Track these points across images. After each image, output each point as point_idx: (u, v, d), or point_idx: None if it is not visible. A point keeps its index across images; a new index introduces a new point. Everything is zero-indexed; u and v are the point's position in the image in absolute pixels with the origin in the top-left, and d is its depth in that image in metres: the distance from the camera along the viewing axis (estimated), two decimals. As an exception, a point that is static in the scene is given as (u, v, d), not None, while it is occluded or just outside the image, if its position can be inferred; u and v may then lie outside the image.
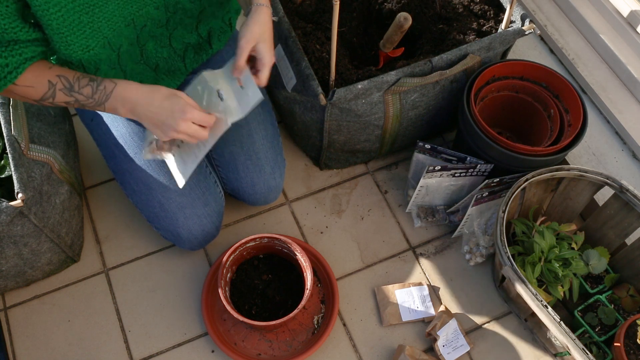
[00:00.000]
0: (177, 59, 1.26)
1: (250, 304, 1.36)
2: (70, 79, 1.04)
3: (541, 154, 1.30)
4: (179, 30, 1.22)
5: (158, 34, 1.18)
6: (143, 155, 1.18)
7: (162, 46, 1.21)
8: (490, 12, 1.49)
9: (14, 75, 0.99)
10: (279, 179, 1.40)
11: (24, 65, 0.99)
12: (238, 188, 1.39)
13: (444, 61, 1.34)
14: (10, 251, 1.21)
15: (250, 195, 1.40)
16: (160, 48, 1.21)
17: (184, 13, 1.18)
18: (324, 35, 1.43)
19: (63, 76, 1.04)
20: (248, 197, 1.41)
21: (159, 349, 1.35)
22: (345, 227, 1.52)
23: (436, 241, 1.50)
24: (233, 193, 1.42)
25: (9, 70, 0.97)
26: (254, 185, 1.37)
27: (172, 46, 1.23)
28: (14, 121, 1.18)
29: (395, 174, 1.61)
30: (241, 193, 1.40)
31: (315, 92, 1.30)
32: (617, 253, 1.39)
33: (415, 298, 1.39)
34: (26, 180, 1.13)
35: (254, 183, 1.37)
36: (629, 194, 1.28)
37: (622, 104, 1.51)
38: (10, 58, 0.97)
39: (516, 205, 1.38)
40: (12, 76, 0.98)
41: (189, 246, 1.37)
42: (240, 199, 1.43)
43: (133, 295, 1.41)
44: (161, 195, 1.29)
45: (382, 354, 1.35)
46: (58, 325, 1.37)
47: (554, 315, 1.15)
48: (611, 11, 1.55)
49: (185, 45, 1.25)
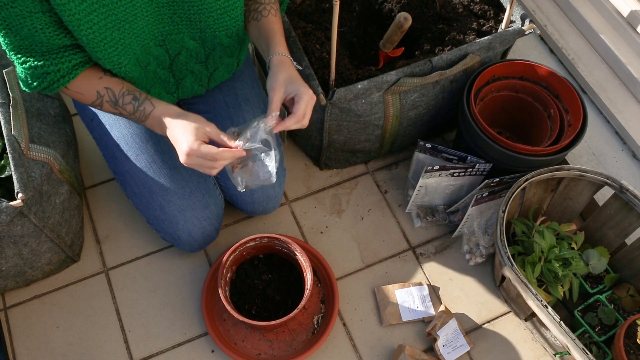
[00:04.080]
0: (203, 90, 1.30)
1: (250, 304, 1.36)
2: (116, 94, 1.07)
3: (541, 154, 1.30)
4: (220, 72, 1.26)
5: (197, 70, 1.20)
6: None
7: (200, 85, 1.25)
8: (490, 12, 1.49)
9: (66, 80, 1.03)
10: (278, 189, 1.40)
11: (75, 71, 1.03)
12: (236, 196, 1.38)
13: (444, 61, 1.34)
14: (10, 251, 1.21)
15: (249, 204, 1.39)
16: (197, 86, 1.25)
17: (223, 50, 1.19)
18: (324, 35, 1.43)
19: (110, 89, 1.07)
20: (246, 206, 1.40)
21: (159, 349, 1.35)
22: (345, 227, 1.52)
23: (436, 241, 1.50)
24: (231, 201, 1.42)
25: (61, 75, 1.02)
26: (252, 194, 1.37)
27: (209, 85, 1.28)
28: (14, 121, 1.18)
29: (395, 173, 1.61)
30: (239, 202, 1.40)
31: (315, 92, 1.30)
32: (617, 253, 1.39)
33: (415, 298, 1.39)
34: (26, 180, 1.13)
35: (252, 192, 1.37)
36: (629, 194, 1.28)
37: (622, 104, 1.51)
38: (61, 65, 1.01)
39: (516, 205, 1.38)
40: (65, 80, 1.03)
41: (188, 248, 1.37)
42: (239, 207, 1.43)
43: (133, 295, 1.41)
44: (161, 198, 1.29)
45: (382, 354, 1.35)
46: (58, 325, 1.37)
47: (554, 315, 1.15)
48: (611, 11, 1.55)
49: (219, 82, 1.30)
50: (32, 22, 0.92)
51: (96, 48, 1.00)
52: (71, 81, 1.04)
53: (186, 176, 1.30)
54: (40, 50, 0.99)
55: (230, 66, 1.27)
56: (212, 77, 1.26)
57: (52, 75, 1.02)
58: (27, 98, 1.29)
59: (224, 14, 1.09)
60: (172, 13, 1.05)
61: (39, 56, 0.99)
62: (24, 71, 1.01)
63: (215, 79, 1.28)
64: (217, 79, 1.28)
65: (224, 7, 1.08)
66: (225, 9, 1.08)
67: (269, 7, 1.16)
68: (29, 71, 1.01)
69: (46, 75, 1.02)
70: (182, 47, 1.12)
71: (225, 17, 1.10)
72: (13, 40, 0.96)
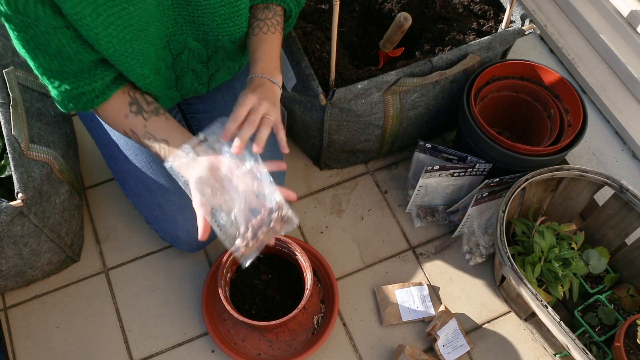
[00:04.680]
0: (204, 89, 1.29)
1: (250, 304, 1.36)
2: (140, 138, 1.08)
3: (541, 154, 1.30)
4: (221, 73, 1.25)
5: (198, 69, 1.20)
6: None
7: (200, 83, 1.24)
8: (490, 12, 1.49)
9: (101, 100, 1.04)
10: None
11: (109, 90, 1.04)
12: None
13: (444, 61, 1.34)
14: (10, 251, 1.21)
15: None
16: (198, 85, 1.24)
17: (225, 54, 1.19)
18: (324, 35, 1.43)
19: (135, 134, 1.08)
20: None
21: (159, 349, 1.35)
22: (345, 227, 1.52)
23: (436, 241, 1.50)
24: None
25: (96, 94, 1.03)
26: None
27: (210, 86, 1.27)
28: (14, 121, 1.18)
29: (395, 173, 1.61)
30: None
31: (315, 92, 1.30)
32: (617, 253, 1.39)
33: (415, 298, 1.39)
34: (26, 180, 1.13)
35: None
36: (629, 194, 1.28)
37: (622, 104, 1.51)
38: (95, 83, 1.01)
39: (516, 205, 1.38)
40: (100, 100, 1.04)
41: (188, 248, 1.37)
42: None
43: (133, 295, 1.41)
44: (161, 198, 1.29)
45: (382, 354, 1.35)
46: (58, 325, 1.37)
47: (554, 315, 1.15)
48: (611, 11, 1.55)
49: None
50: (58, 38, 0.92)
51: (119, 61, 1.00)
52: (106, 100, 1.04)
53: (186, 176, 1.30)
54: (72, 70, 0.99)
55: (232, 69, 1.28)
56: (213, 77, 1.26)
57: (87, 95, 1.02)
58: (27, 98, 1.29)
59: (228, 19, 1.08)
60: (177, 14, 1.04)
61: (72, 77, 1.00)
62: (60, 94, 1.02)
63: (217, 80, 1.27)
64: (218, 80, 1.28)
65: (229, 12, 1.07)
66: (229, 15, 1.08)
67: (262, 25, 1.13)
68: (65, 94, 1.02)
69: (81, 96, 1.02)
70: (185, 46, 1.11)
71: (229, 22, 1.09)
72: (43, 62, 0.96)
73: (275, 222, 1.00)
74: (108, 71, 1.02)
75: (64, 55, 0.96)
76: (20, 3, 0.85)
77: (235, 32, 1.12)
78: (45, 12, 0.88)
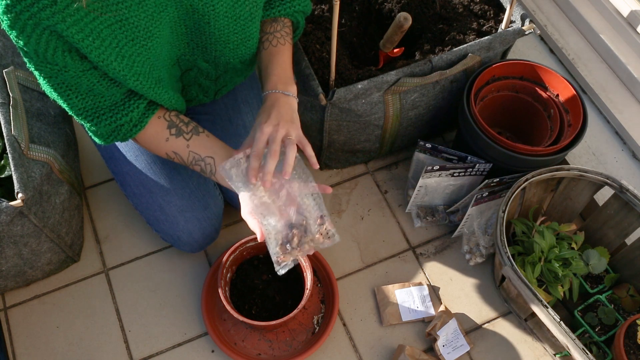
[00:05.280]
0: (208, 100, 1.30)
1: (250, 304, 1.36)
2: (184, 159, 1.08)
3: (541, 154, 1.30)
4: (228, 87, 1.27)
5: (205, 85, 1.20)
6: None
7: (205, 95, 1.25)
8: (490, 12, 1.49)
9: (139, 128, 1.05)
10: None
11: (145, 118, 1.05)
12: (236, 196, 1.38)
13: (444, 61, 1.34)
14: (10, 251, 1.21)
15: None
16: (202, 96, 1.25)
17: (235, 72, 1.20)
18: (324, 35, 1.43)
19: (179, 155, 1.08)
20: None
21: (159, 349, 1.35)
22: (345, 227, 1.52)
23: (436, 241, 1.50)
24: (231, 202, 1.42)
25: (133, 124, 1.04)
26: None
27: (215, 98, 1.28)
28: (14, 121, 1.18)
29: (395, 174, 1.61)
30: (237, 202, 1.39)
31: (315, 92, 1.30)
32: (617, 253, 1.39)
33: (415, 298, 1.39)
34: (26, 180, 1.13)
35: None
36: (629, 194, 1.28)
37: (622, 104, 1.51)
38: (131, 113, 1.02)
39: (516, 205, 1.38)
40: (138, 129, 1.05)
41: (189, 249, 1.37)
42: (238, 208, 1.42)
43: (133, 295, 1.41)
44: (161, 199, 1.29)
45: (382, 354, 1.35)
46: (58, 325, 1.37)
47: (554, 315, 1.15)
48: (611, 11, 1.55)
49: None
50: (87, 79, 0.94)
51: (147, 94, 1.01)
52: (144, 128, 1.05)
53: (186, 177, 1.30)
54: (106, 105, 1.00)
55: (238, 82, 1.29)
56: (220, 92, 1.27)
57: (125, 126, 1.03)
58: (27, 98, 1.29)
59: (240, 45, 1.09)
60: (189, 39, 1.05)
61: (108, 112, 1.01)
62: (99, 130, 1.03)
63: (222, 93, 1.29)
64: (223, 92, 1.29)
65: (241, 38, 1.08)
66: (242, 41, 1.08)
67: (272, 38, 1.13)
68: (103, 129, 1.03)
69: (120, 128, 1.03)
70: (195, 65, 1.12)
71: (242, 47, 1.10)
72: (76, 102, 0.97)
73: (318, 235, 1.01)
74: (141, 99, 1.03)
75: (95, 92, 0.97)
76: (49, 54, 0.87)
77: (246, 54, 1.13)
78: (73, 59, 0.89)
